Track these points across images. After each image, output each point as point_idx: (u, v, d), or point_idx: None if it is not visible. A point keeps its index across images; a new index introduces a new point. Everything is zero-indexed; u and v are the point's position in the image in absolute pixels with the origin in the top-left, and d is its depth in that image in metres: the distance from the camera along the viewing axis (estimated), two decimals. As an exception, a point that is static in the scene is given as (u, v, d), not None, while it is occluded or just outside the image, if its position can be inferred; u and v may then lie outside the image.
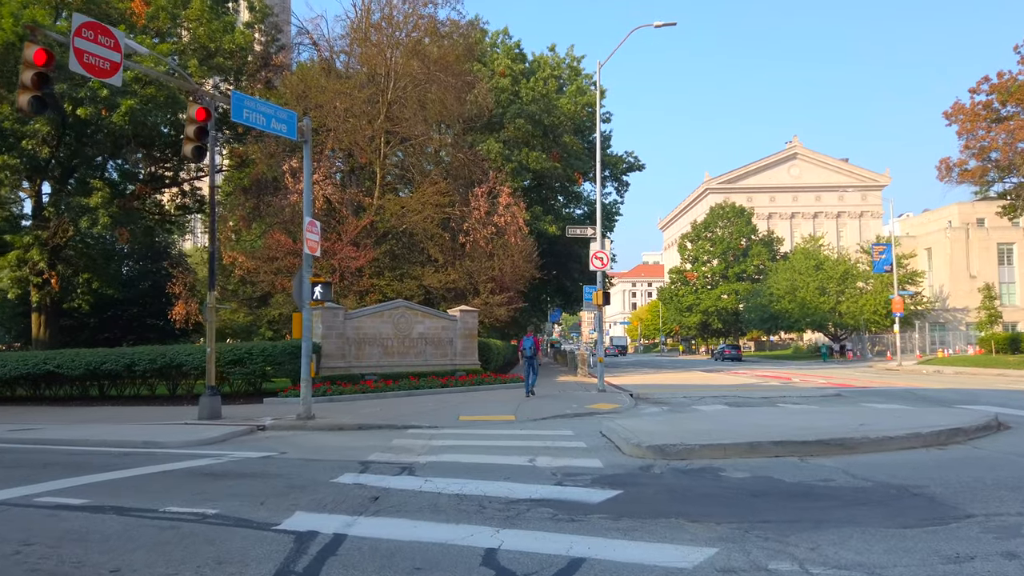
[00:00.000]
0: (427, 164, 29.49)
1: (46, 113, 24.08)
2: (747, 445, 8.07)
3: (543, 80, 34.33)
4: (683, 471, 7.47)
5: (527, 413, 14.26)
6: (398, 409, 15.35)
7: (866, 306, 52.45)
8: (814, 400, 16.54)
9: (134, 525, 5.61)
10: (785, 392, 19.18)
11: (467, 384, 20.58)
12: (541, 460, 8.34)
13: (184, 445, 10.70)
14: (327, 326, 19.44)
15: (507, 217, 26.96)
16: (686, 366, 44.92)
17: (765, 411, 13.46)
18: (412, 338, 21.29)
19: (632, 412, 14.84)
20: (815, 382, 24.28)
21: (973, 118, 32.17)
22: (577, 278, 42.64)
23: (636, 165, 40.80)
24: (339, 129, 25.50)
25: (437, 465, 8.24)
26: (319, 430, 12.63)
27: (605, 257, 18.95)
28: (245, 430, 12.48)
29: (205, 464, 8.78)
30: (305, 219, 13.71)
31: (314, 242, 13.73)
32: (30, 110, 9.79)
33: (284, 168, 25.14)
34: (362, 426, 12.77)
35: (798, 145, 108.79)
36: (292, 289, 13.73)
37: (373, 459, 8.79)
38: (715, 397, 17.91)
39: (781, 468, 7.46)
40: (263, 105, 12.98)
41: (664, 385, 23.83)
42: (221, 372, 18.80)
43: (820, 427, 9.30)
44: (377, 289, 25.43)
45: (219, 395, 14.52)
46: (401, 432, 11.88)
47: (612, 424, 10.78)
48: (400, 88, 26.29)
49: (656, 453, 8.07)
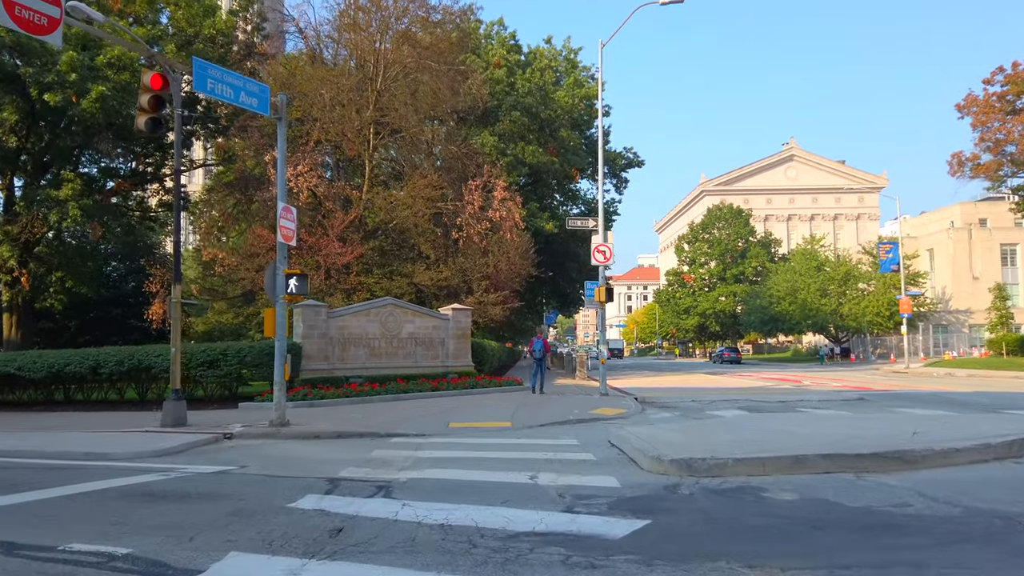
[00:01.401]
0: (419, 157, 28.18)
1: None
2: (791, 459, 6.76)
3: (540, 71, 33.06)
4: (717, 492, 6.15)
5: (524, 419, 12.93)
6: (383, 415, 13.99)
7: (868, 308, 51.33)
8: (837, 404, 15.24)
9: (15, 571, 4.25)
10: (801, 396, 17.87)
11: (459, 387, 19.22)
12: (544, 477, 7.01)
13: (133, 457, 9.33)
14: (309, 325, 18.07)
15: (502, 212, 25.63)
16: (686, 369, 43.65)
17: (789, 417, 12.15)
18: (401, 338, 19.92)
19: (640, 418, 13.53)
20: (829, 385, 23.00)
21: (987, 110, 31.02)
22: (575, 278, 41.33)
23: (635, 161, 39.55)
24: (325, 119, 24.17)
25: (420, 484, 6.90)
26: (292, 439, 11.27)
27: (608, 251, 17.64)
28: (209, 439, 11.11)
29: (147, 482, 7.41)
30: (279, 204, 12.35)
31: (289, 230, 12.38)
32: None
33: (267, 159, 23.75)
34: (341, 434, 11.41)
35: (795, 147, 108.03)
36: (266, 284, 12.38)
37: (345, 475, 7.43)
38: (727, 401, 16.61)
39: (835, 487, 6.15)
40: (231, 76, 11.63)
41: (669, 388, 22.53)
42: (192, 375, 17.45)
43: (868, 437, 7.99)
44: (365, 287, 24.08)
45: (184, 400, 13.14)
46: (383, 441, 10.53)
47: (622, 432, 9.47)
48: (390, 77, 24.99)
49: (682, 469, 6.75)
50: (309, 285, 23.80)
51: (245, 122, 25.67)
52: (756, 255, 76.70)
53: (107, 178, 30.29)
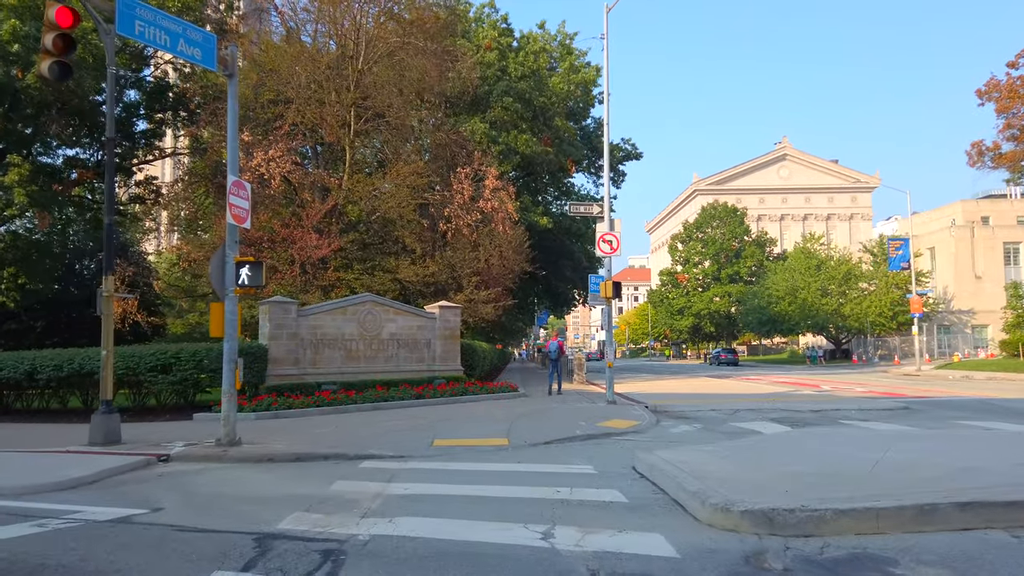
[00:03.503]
0: (404, 146, 26.04)
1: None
2: (913, 510, 4.77)
3: (534, 55, 31.04)
4: (824, 564, 4.16)
5: (524, 434, 10.90)
6: (356, 429, 11.91)
7: (870, 308, 49.71)
8: (884, 415, 13.27)
9: None
10: (835, 404, 15.76)
11: (447, 394, 17.15)
12: (563, 534, 4.98)
13: (23, 493, 7.21)
14: (276, 325, 15.93)
15: (494, 203, 23.61)
16: (685, 372, 41.73)
17: (843, 434, 10.18)
18: (381, 339, 17.81)
19: (657, 432, 11.53)
20: (853, 390, 21.04)
21: (1011, 95, 29.37)
22: (569, 276, 39.37)
23: (633, 153, 37.58)
24: (301, 100, 22.05)
25: (386, 546, 4.85)
26: (240, 462, 9.18)
27: (615, 240, 15.63)
28: (138, 462, 9.00)
29: (4, 540, 5.30)
30: (229, 178, 10.25)
31: (240, 208, 10.28)
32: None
33: (236, 142, 21.49)
34: (300, 457, 9.32)
35: (788, 146, 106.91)
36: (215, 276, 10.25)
37: (285, 529, 5.37)
38: (752, 411, 14.63)
39: (996, 557, 4.19)
40: (168, 19, 9.49)
41: (678, 395, 20.54)
42: (143, 381, 15.29)
43: (987, 468, 6.04)
44: (344, 283, 21.97)
45: (117, 413, 10.98)
46: (351, 467, 8.47)
47: (651, 459, 7.46)
48: (373, 56, 22.90)
49: (759, 523, 4.76)
50: (282, 282, 21.80)
51: (217, 106, 23.50)
52: (752, 254, 75.09)
53: (71, 168, 28.08)
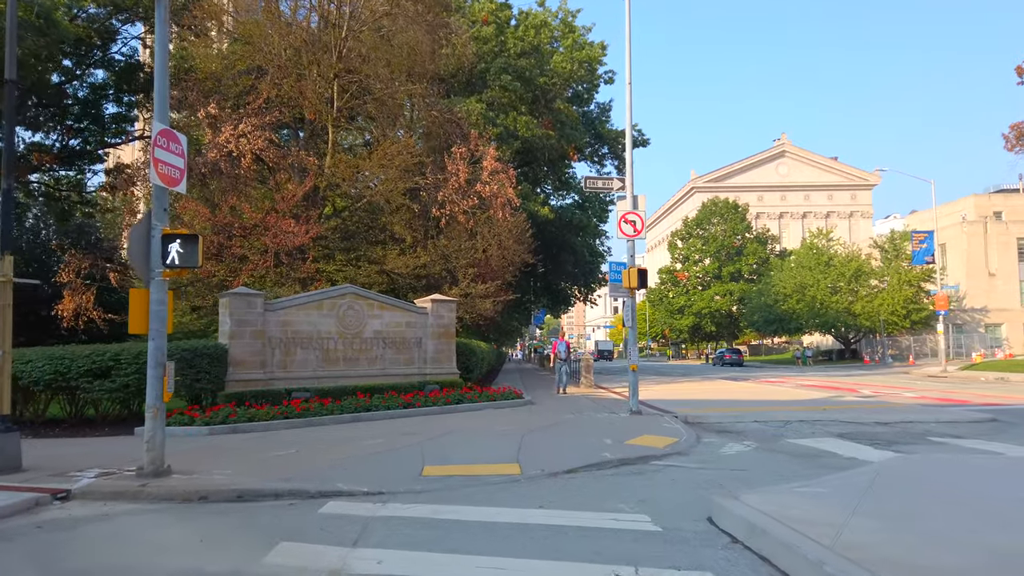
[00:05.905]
0: (393, 124, 23.59)
1: None
2: None
3: (535, 28, 28.68)
4: None
5: (538, 457, 8.52)
6: (327, 450, 9.50)
7: (883, 306, 47.59)
8: (978, 430, 10.93)
9: None
10: (901, 415, 13.21)
11: (440, 402, 14.73)
12: None
13: None
14: (238, 320, 13.48)
15: (493, 187, 21.19)
16: (693, 373, 39.45)
17: (968, 463, 7.86)
18: (364, 338, 15.38)
19: (705, 453, 9.19)
20: (901, 396, 18.65)
21: (1058, 72, 27.27)
22: (570, 271, 37.03)
23: (640, 140, 35.27)
24: (275, 69, 19.63)
25: None
26: (158, 502, 6.76)
27: (639, 220, 13.28)
28: (21, 504, 6.59)
29: None
30: (155, 125, 7.82)
31: (171, 167, 7.85)
32: None
33: (200, 115, 19.06)
34: (243, 495, 6.90)
35: (786, 143, 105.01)
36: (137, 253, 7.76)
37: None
38: (805, 423, 12.28)
39: None
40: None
41: (704, 401, 18.16)
42: (78, 388, 12.82)
43: None
44: (325, 276, 19.55)
45: (16, 432, 8.52)
46: (308, 512, 6.08)
47: (742, 510, 5.11)
48: (358, 21, 20.51)
49: None
50: (254, 273, 19.35)
51: (185, 84, 21.04)
52: (753, 251, 73.02)
53: (34, 153, 25.64)
